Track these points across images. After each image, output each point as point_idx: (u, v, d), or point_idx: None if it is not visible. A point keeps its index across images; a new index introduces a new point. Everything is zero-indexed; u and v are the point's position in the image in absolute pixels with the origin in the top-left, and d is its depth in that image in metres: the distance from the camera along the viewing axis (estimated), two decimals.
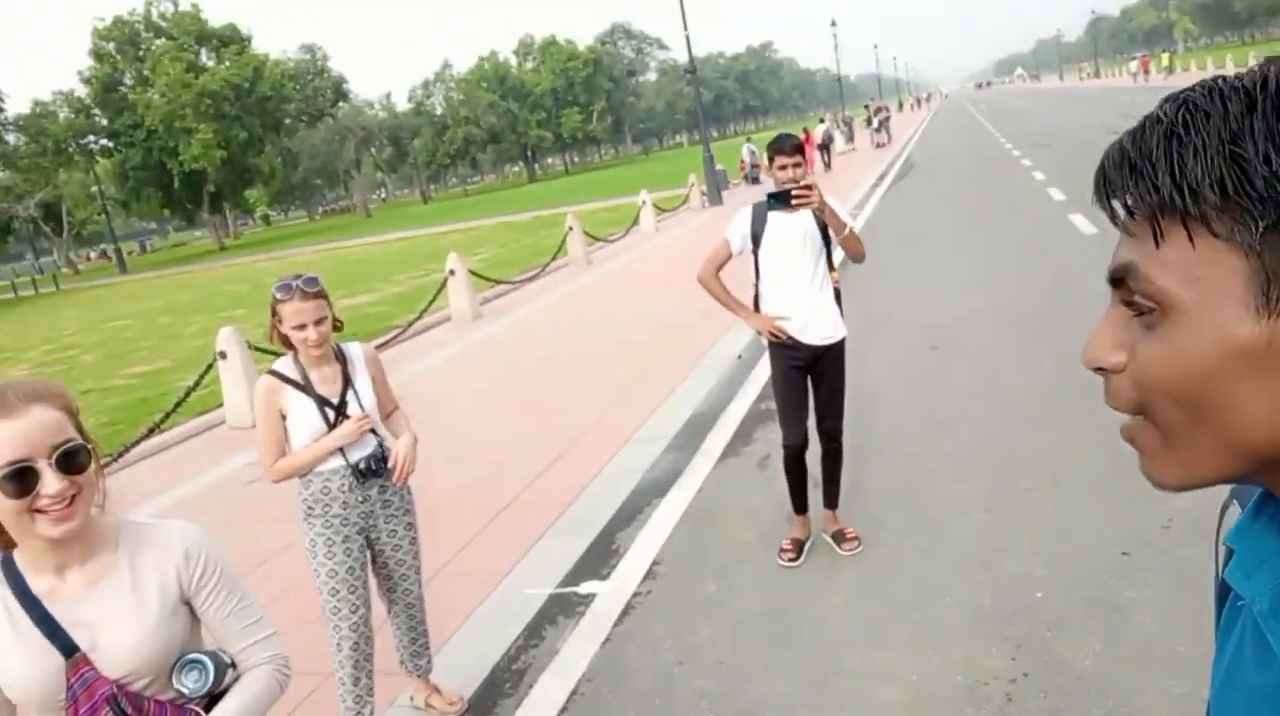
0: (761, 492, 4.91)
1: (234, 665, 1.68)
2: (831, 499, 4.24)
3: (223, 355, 8.50)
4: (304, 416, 2.97)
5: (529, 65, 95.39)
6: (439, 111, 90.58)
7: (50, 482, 1.44)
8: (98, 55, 59.62)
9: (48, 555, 1.57)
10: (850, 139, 39.13)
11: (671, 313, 10.00)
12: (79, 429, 1.53)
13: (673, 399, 6.87)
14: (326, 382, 3.02)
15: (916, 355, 7.04)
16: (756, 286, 4.03)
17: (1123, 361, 0.58)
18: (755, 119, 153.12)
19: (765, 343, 4.05)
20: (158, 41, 59.50)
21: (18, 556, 1.59)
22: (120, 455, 7.64)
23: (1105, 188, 0.58)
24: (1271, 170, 0.50)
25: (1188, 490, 0.59)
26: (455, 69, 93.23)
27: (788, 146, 3.87)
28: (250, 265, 35.62)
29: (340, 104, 76.44)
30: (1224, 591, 0.69)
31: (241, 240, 66.83)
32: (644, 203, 20.70)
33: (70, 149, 57.47)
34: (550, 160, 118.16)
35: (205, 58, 60.40)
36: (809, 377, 4.02)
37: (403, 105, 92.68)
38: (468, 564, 4.57)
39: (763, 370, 7.35)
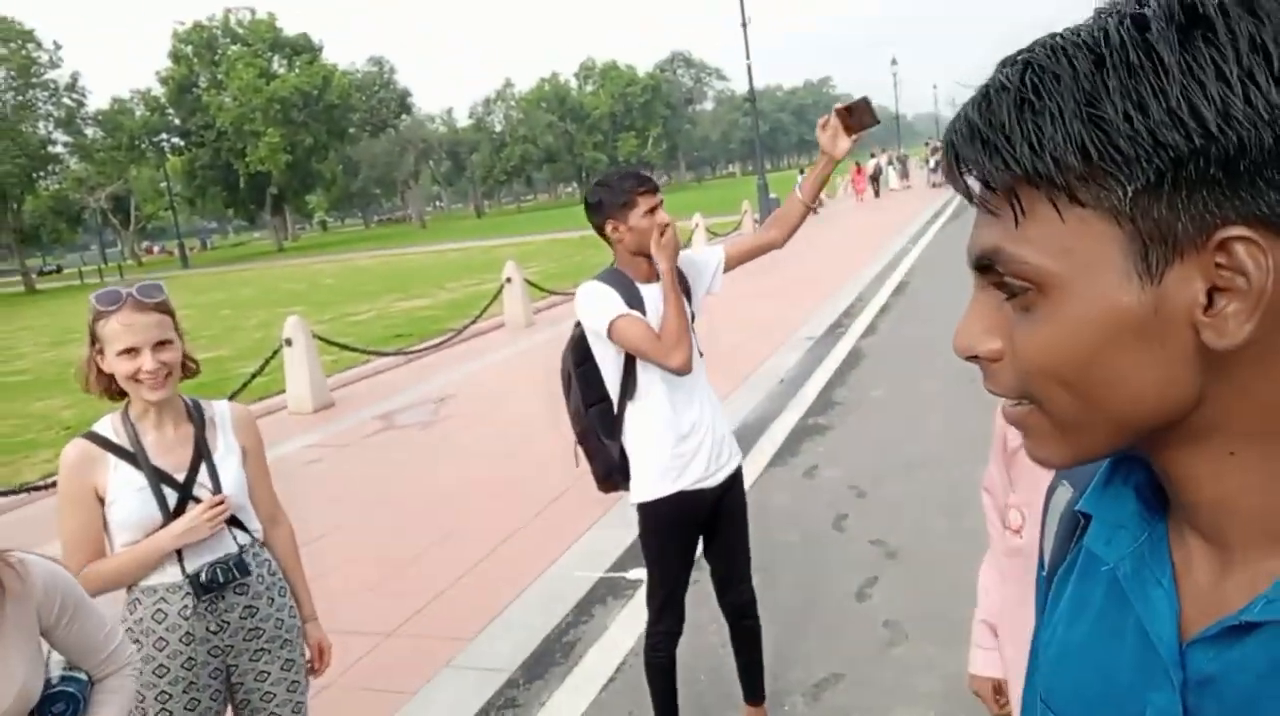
0: (807, 499, 5.03)
1: (91, 680, 1.66)
2: (755, 687, 3.04)
3: (288, 342, 8.82)
4: (129, 499, 2.05)
5: (589, 88, 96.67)
6: (498, 129, 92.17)
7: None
8: (175, 57, 61.81)
9: None
10: (904, 176, 39.15)
11: (721, 329, 10.16)
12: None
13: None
14: (168, 450, 2.11)
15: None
16: (623, 401, 2.67)
17: (998, 348, 0.55)
18: (808, 153, 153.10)
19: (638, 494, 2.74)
20: (233, 47, 61.50)
21: None
22: None
23: (957, 164, 0.54)
24: (1134, 129, 0.48)
25: (1075, 466, 0.58)
26: (517, 88, 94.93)
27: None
28: (308, 266, 36.46)
29: (403, 116, 78.14)
30: (1053, 568, 0.69)
31: (300, 243, 68.40)
32: (697, 225, 20.92)
33: (143, 145, 59.54)
34: None
35: (277, 65, 62.27)
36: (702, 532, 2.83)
37: (463, 121, 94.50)
38: (517, 549, 4.74)
39: (811, 387, 7.48)
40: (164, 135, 62.59)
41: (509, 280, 12.58)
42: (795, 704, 3.14)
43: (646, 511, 2.72)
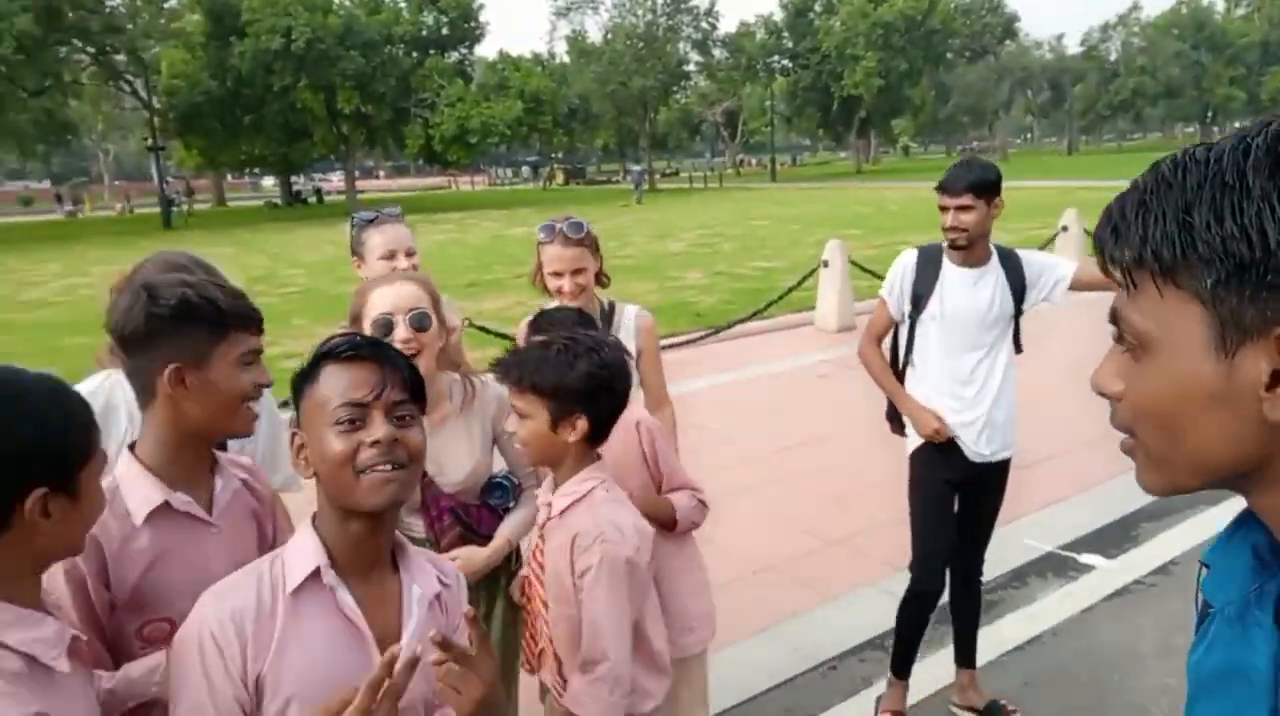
0: None
1: (520, 485, 2.24)
2: (967, 653, 3.17)
3: (825, 264, 9.53)
4: None
5: (1239, 11, 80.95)
6: (1113, 58, 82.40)
7: (400, 331, 2.01)
8: None
9: None
10: None
11: None
12: (434, 308, 2.08)
13: None
14: None
15: None
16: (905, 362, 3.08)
17: (1120, 390, 0.69)
18: None
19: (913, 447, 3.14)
20: None
21: None
22: (724, 328, 9.20)
23: (1098, 243, 0.70)
24: (1210, 235, 0.60)
25: (1171, 495, 0.71)
26: (1144, 12, 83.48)
27: (953, 183, 2.72)
28: (879, 190, 37.43)
29: (1007, 42, 74.06)
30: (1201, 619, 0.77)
31: (878, 167, 70.08)
32: None
33: (757, 66, 65.40)
34: (1237, 123, 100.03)
35: None
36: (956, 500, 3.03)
37: (1074, 48, 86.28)
38: None
39: None
40: (776, 57, 67.86)
41: (1064, 228, 11.72)
42: None
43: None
